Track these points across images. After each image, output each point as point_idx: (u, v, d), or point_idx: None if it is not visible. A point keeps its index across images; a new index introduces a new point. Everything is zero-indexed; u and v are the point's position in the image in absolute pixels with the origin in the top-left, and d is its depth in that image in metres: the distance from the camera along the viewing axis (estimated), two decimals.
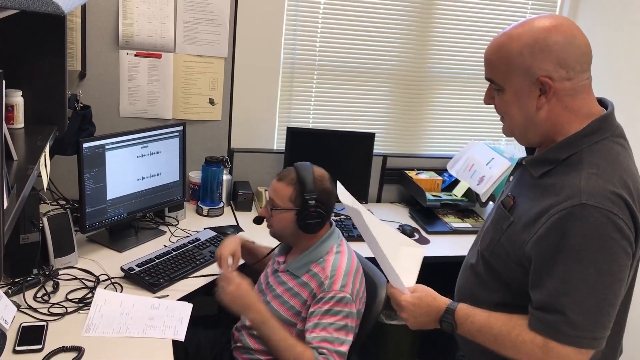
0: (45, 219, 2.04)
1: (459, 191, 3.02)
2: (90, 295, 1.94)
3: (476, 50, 3.18)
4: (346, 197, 1.57)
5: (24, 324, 1.73)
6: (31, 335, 1.69)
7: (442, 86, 3.22)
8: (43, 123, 1.85)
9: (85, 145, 2.17)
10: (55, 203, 2.51)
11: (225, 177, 2.83)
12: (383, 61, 3.08)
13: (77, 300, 1.91)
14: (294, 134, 2.87)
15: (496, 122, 3.25)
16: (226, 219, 2.74)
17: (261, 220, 2.00)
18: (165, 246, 2.34)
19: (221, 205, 2.78)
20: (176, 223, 2.62)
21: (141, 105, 2.75)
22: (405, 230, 2.76)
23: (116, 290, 2.00)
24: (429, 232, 2.82)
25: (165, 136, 2.50)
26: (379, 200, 3.19)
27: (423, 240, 2.74)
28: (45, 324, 1.75)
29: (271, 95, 2.95)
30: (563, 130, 1.35)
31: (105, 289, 2.00)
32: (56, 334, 1.72)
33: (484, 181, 2.82)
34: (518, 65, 1.31)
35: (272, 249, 2.06)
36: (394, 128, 3.21)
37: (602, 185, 1.26)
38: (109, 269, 2.12)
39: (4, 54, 1.77)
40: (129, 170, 2.37)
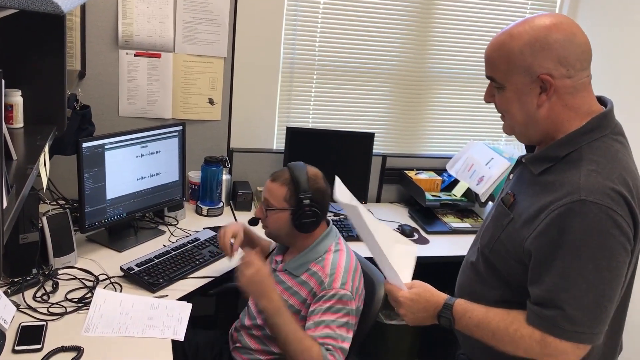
0: (44, 219, 2.04)
1: (458, 191, 3.02)
2: (89, 295, 1.94)
3: (476, 50, 3.18)
4: (343, 194, 1.56)
5: (23, 324, 1.73)
6: (30, 335, 1.69)
7: (442, 86, 3.22)
8: (42, 123, 1.85)
9: (84, 145, 2.17)
10: (54, 203, 2.51)
11: (225, 177, 2.83)
12: (383, 61, 3.08)
13: (77, 300, 1.91)
14: (293, 134, 2.87)
15: (495, 122, 3.27)
16: (226, 218, 2.73)
17: (256, 222, 1.99)
18: (165, 246, 2.34)
19: (221, 205, 2.78)
20: (175, 223, 2.62)
21: (141, 105, 2.75)
22: (404, 230, 2.76)
23: (115, 290, 2.00)
24: (428, 232, 2.82)
25: (165, 136, 2.50)
26: (378, 200, 3.19)
27: (422, 240, 2.74)
28: (44, 323, 1.75)
29: (271, 95, 2.95)
30: (563, 127, 1.35)
31: (104, 288, 2.00)
32: (55, 334, 1.72)
33: (483, 181, 2.82)
34: (519, 63, 1.32)
35: (272, 250, 2.05)
36: (393, 128, 3.21)
37: (602, 182, 1.27)
38: (108, 269, 2.12)
39: (3, 53, 1.77)
40: (129, 170, 2.37)
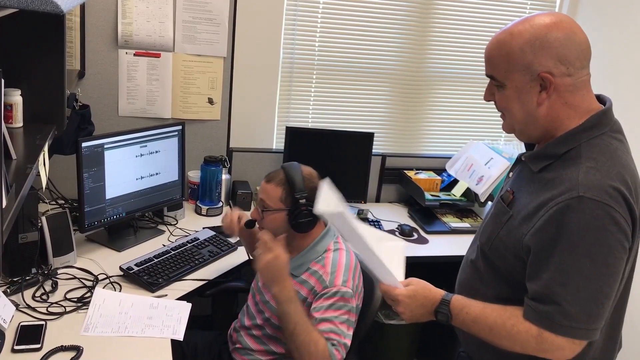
0: (44, 218, 2.04)
1: (457, 191, 3.02)
2: (89, 294, 1.94)
3: (475, 50, 3.18)
4: (327, 202, 1.52)
5: (22, 323, 1.73)
6: (30, 335, 1.69)
7: (441, 86, 3.22)
8: (42, 122, 1.85)
9: (84, 144, 2.17)
10: (54, 202, 2.51)
11: (224, 177, 2.83)
12: (382, 61, 3.08)
13: (76, 299, 1.91)
14: (293, 134, 2.87)
15: (495, 122, 3.28)
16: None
17: (253, 224, 1.98)
18: (164, 246, 2.34)
19: (220, 204, 2.78)
20: (175, 222, 2.62)
21: (140, 104, 2.75)
22: (404, 230, 2.76)
23: (115, 290, 2.00)
24: (427, 232, 2.82)
25: (164, 135, 2.50)
26: (377, 200, 3.19)
27: (422, 240, 2.74)
28: (43, 323, 1.75)
29: (270, 94, 2.95)
30: (563, 125, 1.36)
31: (104, 288, 2.00)
32: (55, 333, 1.72)
33: (482, 181, 2.82)
34: (519, 62, 1.32)
35: None
36: (393, 128, 3.21)
37: (600, 179, 1.27)
38: (107, 269, 2.12)
39: (3, 53, 1.76)
40: (128, 169, 2.37)
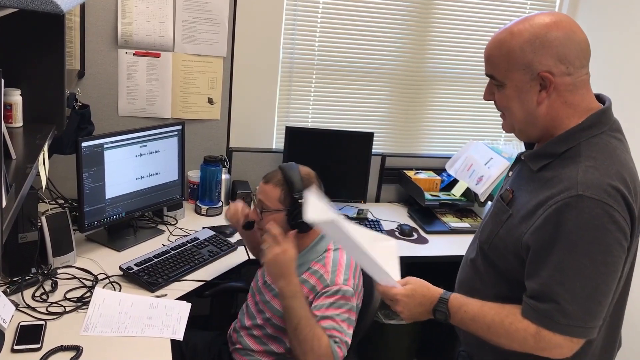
0: (43, 218, 2.04)
1: (457, 191, 3.02)
2: (88, 294, 1.94)
3: (475, 50, 3.18)
4: (317, 210, 1.53)
5: (22, 323, 1.73)
6: (29, 334, 1.69)
7: (441, 86, 3.22)
8: (42, 122, 1.85)
9: (83, 144, 2.17)
10: (53, 202, 2.51)
11: (224, 177, 2.83)
12: (382, 61, 3.08)
13: (76, 299, 1.91)
14: (292, 134, 2.87)
15: (495, 122, 3.28)
16: (225, 218, 2.73)
17: (252, 225, 1.96)
18: (164, 245, 2.34)
19: (220, 204, 2.78)
20: (175, 222, 2.62)
21: (140, 104, 2.75)
22: (403, 230, 2.76)
23: (115, 290, 2.00)
24: (427, 232, 2.82)
25: (164, 135, 2.50)
26: (377, 199, 3.18)
27: (422, 240, 2.74)
28: (43, 323, 1.75)
29: (270, 94, 2.95)
30: (563, 124, 1.36)
31: (103, 288, 2.00)
32: (54, 333, 1.72)
33: (482, 181, 2.83)
34: (519, 61, 1.33)
35: None
36: (392, 128, 3.21)
37: (599, 177, 1.27)
38: (107, 268, 2.12)
39: (2, 52, 1.77)
40: (128, 169, 2.37)
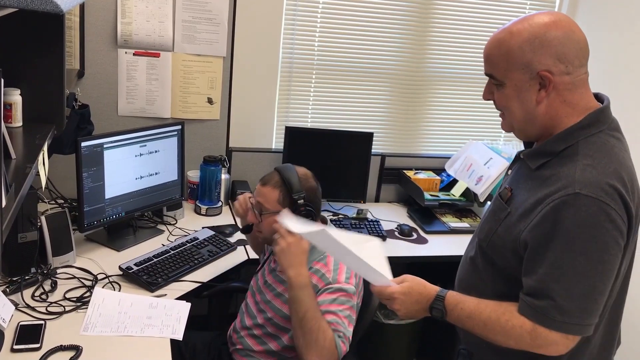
0: (43, 218, 2.04)
1: (457, 191, 3.02)
2: (88, 294, 1.94)
3: (475, 50, 3.18)
4: (301, 226, 1.59)
5: (21, 323, 1.73)
6: (29, 334, 1.69)
7: (441, 86, 3.22)
8: (41, 122, 1.84)
9: (83, 144, 2.17)
10: (53, 202, 2.51)
11: (224, 177, 2.83)
12: (382, 61, 3.08)
13: (75, 299, 1.91)
14: (292, 134, 2.87)
15: (494, 122, 3.28)
16: (224, 218, 2.74)
17: (250, 229, 1.95)
18: (164, 245, 2.34)
19: (219, 204, 2.79)
20: (174, 222, 2.62)
21: (139, 104, 2.75)
22: (403, 230, 2.77)
23: (114, 289, 2.00)
24: (427, 232, 2.82)
25: (164, 135, 2.50)
26: (377, 199, 3.18)
27: (421, 240, 2.74)
28: (43, 322, 1.75)
29: (270, 94, 2.95)
30: (562, 123, 1.36)
31: (103, 287, 2.00)
32: (54, 333, 1.72)
33: (482, 181, 2.83)
34: (518, 60, 1.33)
35: (268, 256, 2.02)
36: (392, 128, 3.22)
37: (597, 176, 1.28)
38: (107, 268, 2.12)
39: (2, 52, 1.77)
40: (128, 169, 2.37)
